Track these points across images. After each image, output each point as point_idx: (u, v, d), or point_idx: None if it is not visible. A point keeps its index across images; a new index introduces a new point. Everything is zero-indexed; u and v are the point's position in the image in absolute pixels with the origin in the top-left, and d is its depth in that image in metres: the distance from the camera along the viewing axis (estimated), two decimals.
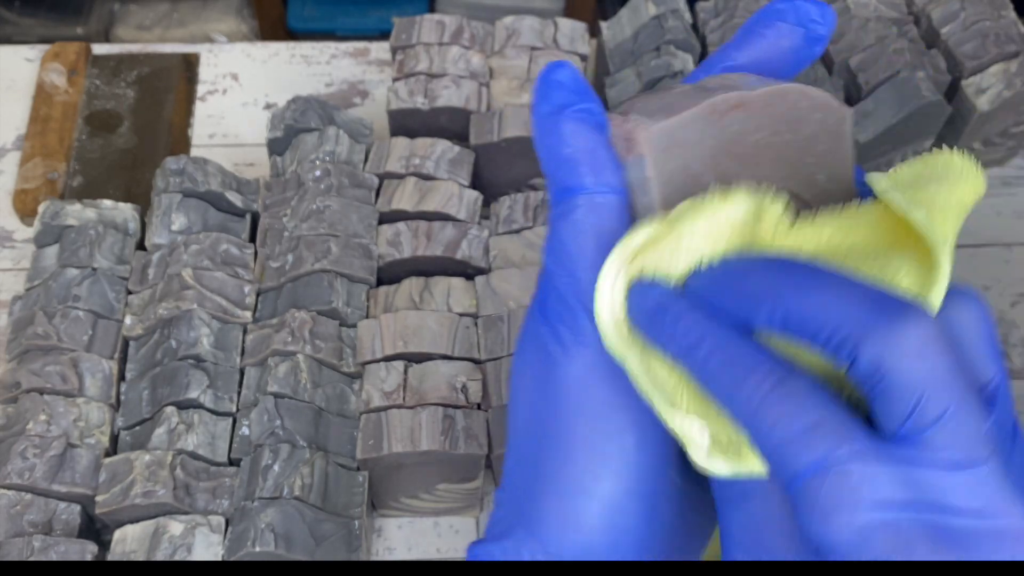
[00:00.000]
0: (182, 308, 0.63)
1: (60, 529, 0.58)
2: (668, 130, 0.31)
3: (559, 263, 0.31)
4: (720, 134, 0.31)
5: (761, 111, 0.32)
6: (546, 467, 0.32)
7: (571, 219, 0.31)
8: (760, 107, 0.31)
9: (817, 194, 0.33)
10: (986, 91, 0.74)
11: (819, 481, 0.25)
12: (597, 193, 0.30)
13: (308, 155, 0.70)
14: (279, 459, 0.58)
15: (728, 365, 0.28)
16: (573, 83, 0.31)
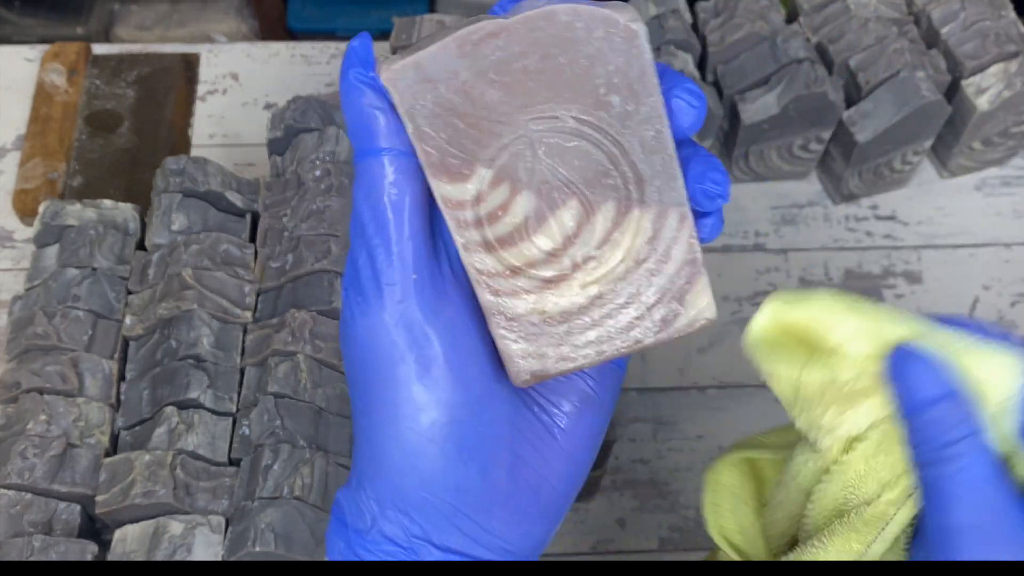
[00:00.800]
0: (182, 308, 0.63)
1: (60, 529, 0.58)
2: (410, 66, 0.31)
3: (353, 224, 0.33)
4: (477, 64, 0.31)
5: (525, 36, 0.31)
6: (359, 420, 0.34)
7: (360, 183, 0.33)
8: (523, 32, 0.31)
9: (615, 117, 0.32)
10: (986, 91, 0.74)
11: None
12: (383, 153, 0.32)
13: (308, 155, 0.70)
14: (279, 459, 0.58)
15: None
16: (363, 51, 0.32)
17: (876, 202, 0.81)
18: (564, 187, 0.33)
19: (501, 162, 0.32)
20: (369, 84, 0.32)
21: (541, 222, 0.33)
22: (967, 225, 0.80)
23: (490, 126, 0.32)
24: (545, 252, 0.34)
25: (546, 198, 0.33)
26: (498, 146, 0.32)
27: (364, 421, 0.34)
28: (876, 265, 0.78)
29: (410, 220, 0.32)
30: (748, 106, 0.75)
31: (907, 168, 0.79)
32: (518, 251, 0.33)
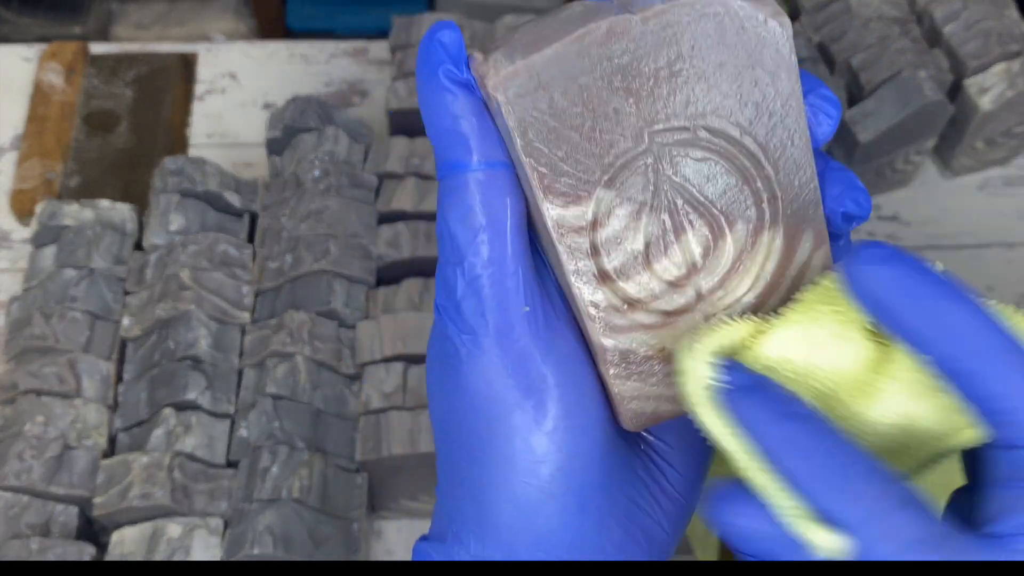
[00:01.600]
0: (180, 309, 0.62)
1: (58, 531, 0.57)
2: (524, 71, 0.26)
3: (446, 252, 0.28)
4: (599, 68, 0.27)
5: (656, 35, 0.27)
6: (459, 470, 0.30)
7: (453, 200, 0.28)
8: (654, 30, 0.27)
9: (752, 127, 0.28)
10: (988, 91, 0.74)
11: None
12: (481, 168, 0.28)
13: (307, 155, 0.69)
14: (278, 461, 0.57)
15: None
16: (455, 46, 0.28)
17: (878, 202, 0.81)
18: (692, 208, 0.29)
19: (622, 180, 0.28)
20: (463, 85, 0.28)
21: (665, 249, 0.29)
22: (970, 225, 0.80)
23: (612, 140, 0.28)
24: (667, 282, 0.29)
25: (671, 221, 0.29)
26: (620, 163, 0.28)
27: (470, 479, 0.30)
28: None
29: (516, 244, 0.28)
30: None
31: (909, 168, 0.79)
32: (637, 282, 0.29)
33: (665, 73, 0.27)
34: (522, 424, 0.29)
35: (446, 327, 0.29)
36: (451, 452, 0.31)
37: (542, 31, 0.27)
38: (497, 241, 0.28)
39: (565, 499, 0.29)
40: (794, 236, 0.29)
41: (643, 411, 0.31)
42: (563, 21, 0.27)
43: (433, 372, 0.31)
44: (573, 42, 0.26)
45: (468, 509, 0.30)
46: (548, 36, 0.27)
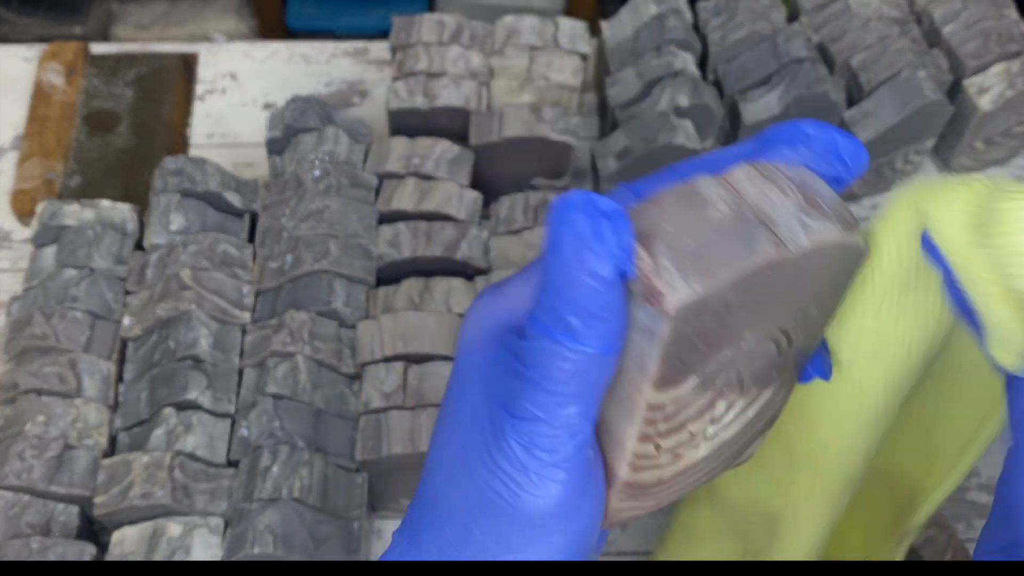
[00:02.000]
0: (180, 309, 0.62)
1: (58, 531, 0.58)
2: (701, 300, 0.27)
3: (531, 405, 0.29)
4: (745, 293, 0.28)
5: (796, 267, 0.29)
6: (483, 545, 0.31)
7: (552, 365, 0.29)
8: (798, 264, 0.29)
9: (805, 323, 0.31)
10: (988, 91, 0.74)
11: None
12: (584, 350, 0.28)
13: (307, 155, 0.69)
14: (278, 460, 0.57)
15: None
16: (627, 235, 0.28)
17: (878, 202, 0.81)
18: (738, 384, 0.31)
19: (708, 373, 0.30)
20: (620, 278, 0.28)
21: (702, 414, 0.32)
22: None
23: (721, 343, 0.30)
24: (690, 433, 0.32)
25: (717, 393, 0.31)
26: (716, 361, 0.30)
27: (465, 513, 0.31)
28: None
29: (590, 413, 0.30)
30: (749, 106, 0.75)
31: (909, 168, 0.79)
32: (674, 438, 0.32)
33: (779, 292, 0.29)
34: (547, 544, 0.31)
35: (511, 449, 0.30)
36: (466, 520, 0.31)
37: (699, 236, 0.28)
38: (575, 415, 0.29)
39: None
40: (777, 391, 0.33)
41: (623, 518, 0.34)
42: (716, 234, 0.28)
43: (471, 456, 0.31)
44: (745, 273, 0.28)
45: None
46: (711, 253, 0.27)
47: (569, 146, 0.71)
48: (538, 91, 0.74)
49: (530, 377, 0.29)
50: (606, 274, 0.27)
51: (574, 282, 0.28)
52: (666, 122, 0.70)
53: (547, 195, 0.69)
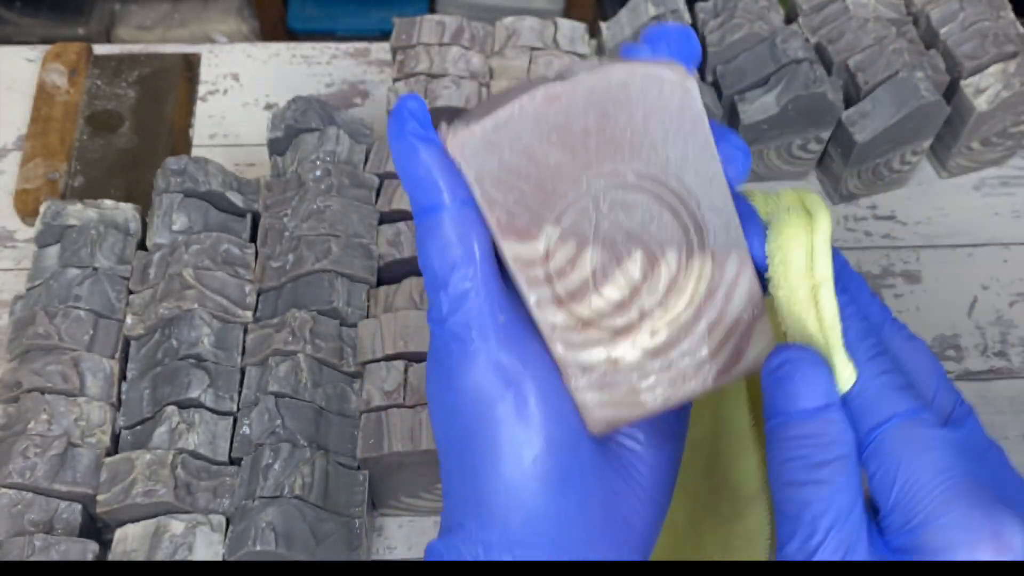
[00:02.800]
0: (183, 308, 0.63)
1: (61, 528, 0.58)
2: (479, 134, 0.32)
3: (431, 278, 0.34)
4: (539, 127, 0.32)
5: (584, 97, 0.32)
6: (458, 463, 0.35)
7: (431, 237, 0.33)
8: (581, 94, 0.32)
9: (673, 169, 0.33)
10: (985, 91, 0.74)
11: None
12: (449, 208, 0.33)
13: (309, 155, 0.70)
14: (280, 458, 0.58)
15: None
16: (420, 111, 0.33)
17: (875, 202, 0.81)
18: (628, 240, 0.34)
19: (567, 220, 0.33)
20: (427, 140, 0.33)
21: (608, 275, 0.34)
22: (966, 225, 0.81)
23: (555, 186, 0.33)
24: (613, 303, 0.34)
25: (612, 251, 0.34)
26: (563, 205, 0.33)
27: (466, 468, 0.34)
28: (875, 265, 0.79)
29: (488, 267, 0.33)
30: (747, 106, 0.75)
31: (906, 168, 0.79)
32: (587, 304, 0.34)
33: (594, 129, 0.32)
34: (505, 414, 0.33)
35: (438, 339, 0.34)
36: (450, 448, 0.35)
37: (496, 102, 0.32)
38: (471, 266, 0.33)
39: (548, 480, 0.34)
40: (722, 260, 0.34)
41: (606, 418, 0.35)
42: (512, 93, 0.32)
43: (431, 380, 0.35)
44: (516, 106, 0.32)
45: (468, 497, 0.34)
46: (496, 103, 0.32)
47: None
48: None
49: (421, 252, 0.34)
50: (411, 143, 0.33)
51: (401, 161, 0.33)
52: None
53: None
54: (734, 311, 0.35)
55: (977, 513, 0.31)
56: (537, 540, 0.34)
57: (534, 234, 0.33)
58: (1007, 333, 0.76)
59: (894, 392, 0.33)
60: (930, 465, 0.31)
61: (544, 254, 0.33)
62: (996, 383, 0.74)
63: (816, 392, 0.33)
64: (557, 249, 0.33)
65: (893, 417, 0.32)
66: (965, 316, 0.76)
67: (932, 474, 0.31)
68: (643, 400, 0.35)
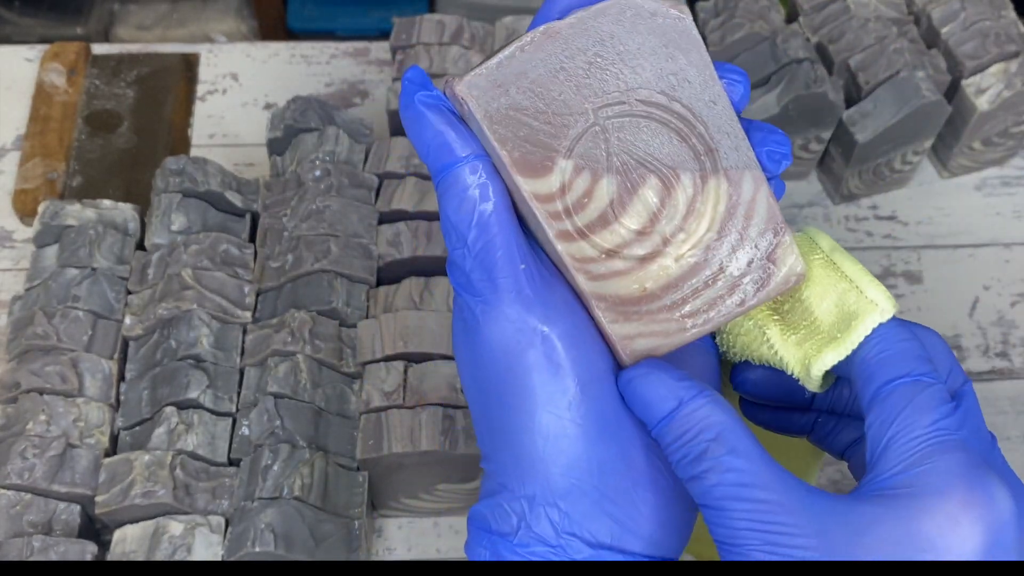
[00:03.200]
0: (182, 308, 0.63)
1: (60, 529, 0.58)
2: (484, 74, 0.33)
3: (451, 236, 0.34)
4: (542, 64, 0.33)
5: (581, 33, 0.33)
6: (494, 420, 0.35)
7: (449, 194, 0.34)
8: (579, 30, 0.33)
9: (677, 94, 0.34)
10: (986, 91, 0.74)
11: None
12: (462, 162, 0.34)
13: (308, 155, 0.70)
14: (279, 459, 0.58)
15: None
16: (420, 78, 0.35)
17: (876, 202, 0.81)
18: (642, 166, 0.34)
19: (578, 151, 0.34)
20: (436, 103, 0.34)
21: (626, 203, 0.34)
22: (967, 225, 0.80)
23: (562, 119, 0.34)
24: (634, 231, 0.35)
25: (627, 179, 0.34)
26: (573, 137, 0.34)
27: (501, 423, 0.34)
28: (876, 265, 0.78)
29: (503, 218, 0.34)
30: (748, 106, 0.75)
31: (907, 168, 0.79)
32: (609, 234, 0.34)
33: (594, 60, 0.33)
34: (536, 361, 0.33)
35: (462, 299, 0.34)
36: (484, 405, 0.35)
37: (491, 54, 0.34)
38: (489, 217, 0.34)
39: (586, 426, 0.34)
40: (737, 180, 0.35)
41: (638, 349, 0.35)
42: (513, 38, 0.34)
43: (459, 341, 0.35)
44: (516, 47, 0.33)
45: (506, 455, 0.34)
46: (499, 49, 0.34)
47: None
48: None
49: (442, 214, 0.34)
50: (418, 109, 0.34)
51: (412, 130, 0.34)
52: None
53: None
54: (755, 231, 0.35)
55: (958, 468, 0.31)
56: (580, 489, 0.34)
57: (549, 167, 0.34)
58: (1008, 333, 0.76)
59: (912, 357, 0.34)
60: (928, 420, 0.32)
61: (560, 188, 0.34)
62: (997, 383, 0.74)
63: (663, 396, 0.33)
64: (572, 181, 0.34)
65: (906, 376, 0.33)
66: (966, 316, 0.76)
67: (927, 427, 0.32)
68: (677, 327, 0.35)
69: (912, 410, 0.32)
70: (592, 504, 0.34)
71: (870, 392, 0.34)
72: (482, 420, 0.35)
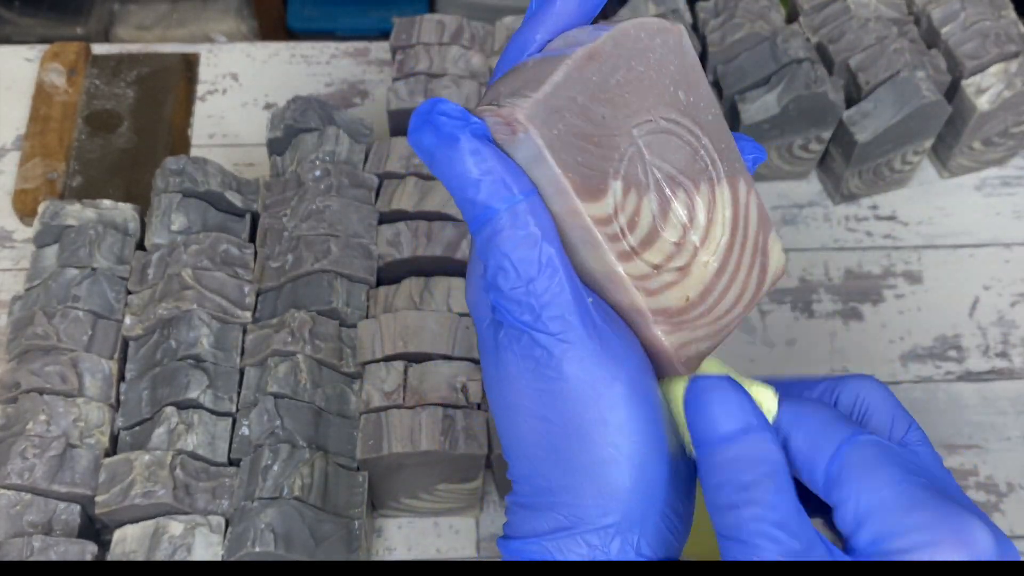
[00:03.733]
0: (182, 308, 0.63)
1: (60, 529, 0.58)
2: (542, 100, 0.33)
3: (509, 275, 0.33)
4: (585, 87, 0.34)
5: (612, 53, 0.34)
6: (571, 456, 0.34)
7: (508, 232, 0.33)
8: (610, 50, 0.34)
9: (686, 109, 0.36)
10: (986, 91, 0.74)
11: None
12: (517, 202, 0.33)
13: (308, 155, 0.70)
14: (279, 459, 0.58)
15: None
16: (458, 111, 0.33)
17: (876, 202, 0.81)
18: (672, 180, 0.36)
19: (624, 171, 0.35)
20: (484, 138, 0.33)
21: (665, 218, 0.36)
22: (967, 225, 0.80)
23: (609, 140, 0.35)
24: (673, 244, 0.36)
25: (662, 195, 0.36)
26: (618, 157, 0.35)
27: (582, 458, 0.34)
28: (876, 265, 0.78)
29: (563, 251, 0.34)
30: (748, 106, 0.75)
31: (907, 168, 0.79)
32: (656, 249, 0.36)
33: (625, 81, 0.35)
34: (622, 393, 0.34)
35: (531, 337, 0.34)
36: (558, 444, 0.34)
37: (524, 76, 0.34)
38: (554, 255, 0.33)
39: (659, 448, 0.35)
40: (735, 186, 0.38)
41: (691, 354, 0.37)
42: (534, 68, 0.34)
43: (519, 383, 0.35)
44: (563, 71, 0.34)
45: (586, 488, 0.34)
46: (536, 77, 0.34)
47: None
48: None
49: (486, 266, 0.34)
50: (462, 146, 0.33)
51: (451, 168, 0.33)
52: None
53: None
54: (753, 229, 0.38)
55: (937, 515, 0.31)
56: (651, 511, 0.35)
57: (604, 190, 0.34)
58: (1008, 333, 0.76)
59: (829, 425, 0.34)
60: (885, 480, 0.32)
61: (614, 209, 0.35)
62: (997, 383, 0.74)
63: (733, 416, 0.33)
64: (623, 202, 0.35)
65: (841, 446, 0.33)
66: (967, 316, 0.76)
67: (887, 487, 0.32)
68: (715, 329, 0.37)
69: (865, 479, 0.32)
70: (656, 523, 0.35)
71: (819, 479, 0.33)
72: (550, 457, 0.35)
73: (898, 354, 0.74)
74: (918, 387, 0.73)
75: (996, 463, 0.70)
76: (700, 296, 0.37)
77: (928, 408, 0.72)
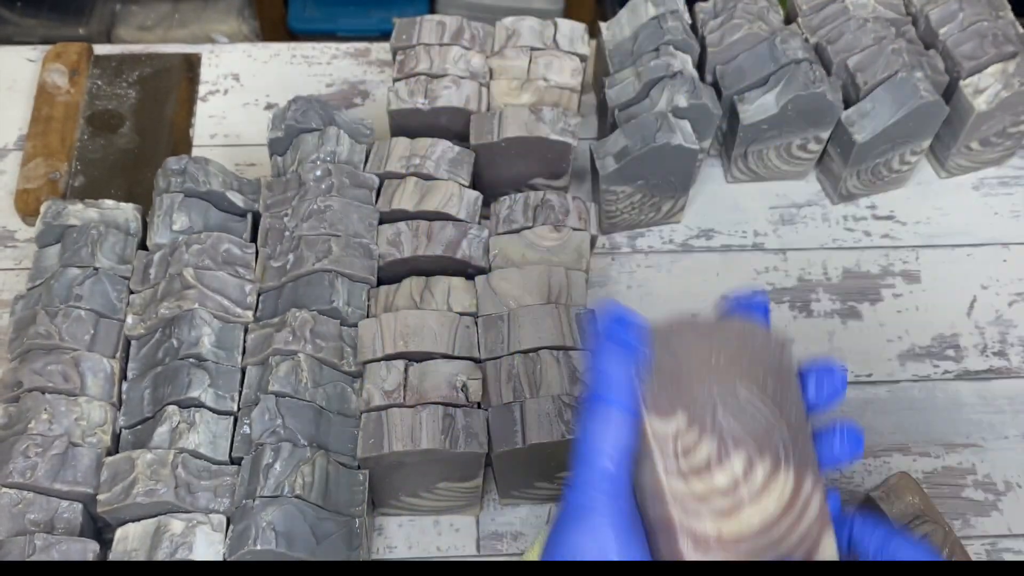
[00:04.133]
0: (183, 307, 0.63)
1: (62, 528, 0.58)
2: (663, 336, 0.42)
3: (584, 454, 0.41)
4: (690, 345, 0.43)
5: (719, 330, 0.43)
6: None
7: (601, 420, 0.41)
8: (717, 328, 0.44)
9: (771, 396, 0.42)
10: (984, 91, 0.74)
11: None
12: (621, 405, 0.41)
13: (309, 155, 0.70)
14: (280, 458, 0.58)
15: None
16: (623, 319, 0.42)
17: (874, 202, 0.81)
18: (735, 440, 0.41)
19: (693, 410, 0.41)
20: (634, 351, 0.41)
21: (720, 462, 0.41)
22: (965, 225, 0.81)
23: (689, 382, 0.42)
24: (721, 488, 0.41)
25: (723, 445, 0.41)
26: (691, 397, 0.41)
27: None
28: (874, 264, 0.79)
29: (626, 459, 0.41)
30: (747, 106, 0.75)
31: (905, 168, 0.79)
32: (703, 483, 0.40)
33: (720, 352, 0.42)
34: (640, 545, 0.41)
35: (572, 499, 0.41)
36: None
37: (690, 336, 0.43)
38: (625, 450, 0.41)
39: None
40: (801, 475, 0.42)
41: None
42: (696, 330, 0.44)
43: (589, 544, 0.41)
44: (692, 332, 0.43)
45: None
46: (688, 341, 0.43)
47: (568, 146, 0.71)
48: (538, 92, 0.74)
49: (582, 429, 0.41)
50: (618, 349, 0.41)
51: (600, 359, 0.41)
52: (664, 122, 0.70)
53: (547, 195, 0.70)
54: (808, 521, 0.42)
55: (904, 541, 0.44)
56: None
57: (670, 415, 0.41)
58: (1006, 333, 0.76)
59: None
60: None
61: (675, 433, 0.41)
62: (995, 382, 0.74)
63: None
64: (685, 432, 0.41)
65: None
66: (964, 316, 0.77)
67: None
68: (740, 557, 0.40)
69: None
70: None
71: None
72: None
73: (896, 353, 0.75)
74: (916, 386, 0.73)
75: (994, 462, 0.71)
76: (733, 540, 0.40)
77: (926, 407, 0.72)
